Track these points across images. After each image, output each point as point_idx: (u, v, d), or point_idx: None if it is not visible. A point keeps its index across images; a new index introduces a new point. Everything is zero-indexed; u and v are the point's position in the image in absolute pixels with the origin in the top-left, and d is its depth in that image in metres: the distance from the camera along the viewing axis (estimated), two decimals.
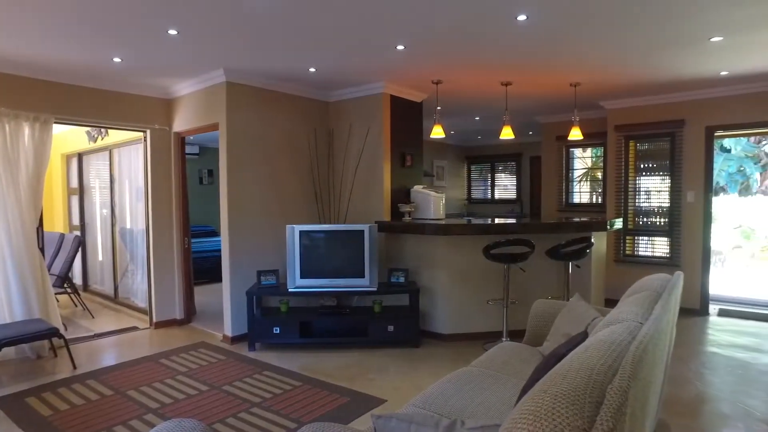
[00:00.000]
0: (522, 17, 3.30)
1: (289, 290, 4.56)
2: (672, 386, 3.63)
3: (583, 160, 7.89)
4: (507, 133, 5.22)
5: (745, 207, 11.39)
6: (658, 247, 6.15)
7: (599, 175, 7.62)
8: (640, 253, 6.31)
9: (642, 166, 6.29)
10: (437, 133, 5.11)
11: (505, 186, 10.41)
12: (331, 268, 4.61)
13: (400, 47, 3.95)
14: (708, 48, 4.01)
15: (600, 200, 7.49)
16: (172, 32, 3.50)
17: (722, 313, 5.80)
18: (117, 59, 4.14)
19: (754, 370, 3.99)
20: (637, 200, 6.30)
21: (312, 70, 4.62)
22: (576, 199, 7.81)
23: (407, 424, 1.42)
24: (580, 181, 7.87)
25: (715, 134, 5.72)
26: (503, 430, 1.12)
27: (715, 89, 5.45)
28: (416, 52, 4.09)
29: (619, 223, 5.47)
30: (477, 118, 7.53)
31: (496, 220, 5.74)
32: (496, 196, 10.52)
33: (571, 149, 7.75)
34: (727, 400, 3.42)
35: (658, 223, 6.17)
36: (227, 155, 4.68)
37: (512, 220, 6.01)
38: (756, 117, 5.37)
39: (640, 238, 6.31)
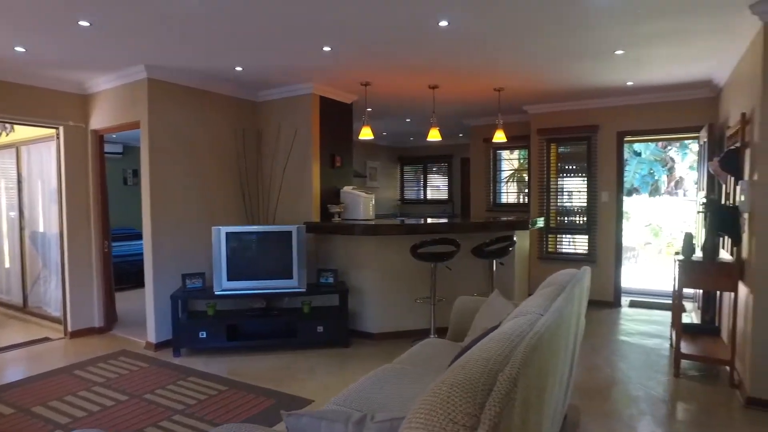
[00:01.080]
0: (444, 23, 3.41)
1: (216, 293, 4.45)
2: (585, 373, 3.88)
3: (510, 161, 8.23)
4: (434, 135, 5.36)
5: (654, 206, 12.33)
6: (578, 244, 6.52)
7: (525, 176, 7.99)
8: (562, 250, 6.66)
9: (563, 167, 6.66)
10: (366, 134, 5.16)
11: (438, 187, 10.66)
12: (259, 270, 4.54)
13: (327, 48, 3.96)
14: (614, 60, 4.31)
15: (526, 200, 7.84)
16: (84, 24, 3.32)
17: (632, 304, 6.25)
18: (20, 48, 3.85)
19: (656, 355, 4.34)
20: (559, 200, 6.66)
21: (239, 69, 4.53)
22: (504, 200, 8.13)
23: (318, 420, 1.44)
24: (507, 182, 8.20)
25: (625, 139, 6.16)
26: (405, 422, 1.16)
27: (623, 98, 5.87)
28: (343, 54, 4.12)
29: (541, 222, 5.77)
30: (408, 120, 7.66)
31: (428, 220, 5.87)
32: (429, 196, 10.75)
33: (498, 151, 8.07)
34: (634, 383, 3.70)
35: (577, 222, 6.55)
36: (149, 155, 4.49)
37: (444, 220, 6.17)
38: (659, 124, 5.83)
39: (562, 235, 6.66)
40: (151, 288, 4.56)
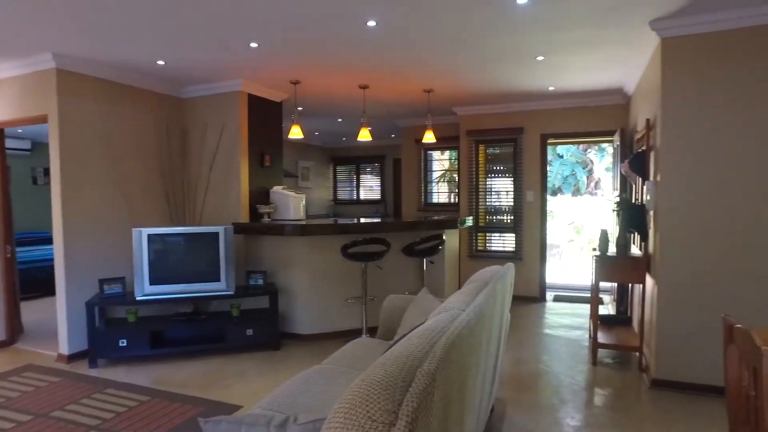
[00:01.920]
0: (372, 23, 3.42)
1: (138, 298, 4.22)
2: (511, 366, 4.03)
3: (440, 162, 8.40)
4: (364, 135, 5.38)
5: (576, 206, 13.06)
6: (506, 242, 6.77)
7: (455, 176, 8.19)
8: (490, 248, 6.89)
9: (491, 168, 6.89)
10: (295, 134, 5.09)
11: (371, 187, 10.71)
12: (184, 273, 4.36)
13: (254, 45, 3.86)
14: (535, 65, 4.52)
15: (456, 200, 8.04)
16: None
17: (557, 299, 6.58)
18: None
19: (577, 346, 4.59)
20: (487, 200, 6.88)
21: (161, 63, 4.32)
22: (435, 199, 8.30)
23: (237, 425, 1.39)
24: (438, 182, 8.38)
25: (548, 141, 6.47)
26: (326, 422, 1.15)
27: (546, 101, 6.17)
28: (271, 51, 4.04)
29: (470, 221, 5.93)
30: (339, 120, 7.64)
31: (361, 220, 5.87)
32: (362, 196, 10.77)
33: (429, 152, 8.22)
34: (557, 373, 3.89)
35: (505, 221, 6.80)
36: (60, 152, 4.18)
37: (377, 220, 6.21)
38: (579, 128, 6.18)
39: (491, 234, 6.89)
40: (63, 295, 4.24)
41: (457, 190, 7.98)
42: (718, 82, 3.36)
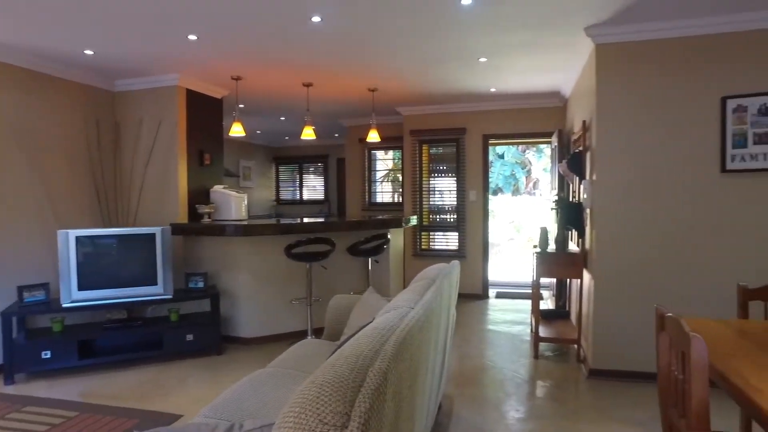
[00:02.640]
0: (316, 19, 3.36)
1: (64, 306, 3.93)
2: (457, 362, 4.09)
3: (384, 161, 8.43)
4: (308, 134, 5.30)
5: (516, 205, 13.51)
6: (450, 241, 6.88)
7: (399, 176, 8.23)
8: (434, 247, 6.98)
9: (434, 168, 6.97)
10: (237, 131, 4.94)
11: (314, 187, 10.59)
12: (117, 277, 4.11)
13: (192, 37, 3.70)
14: (478, 66, 4.61)
15: (400, 199, 8.09)
16: None
17: (499, 296, 6.75)
18: None
19: (519, 340, 4.72)
20: (431, 199, 6.96)
21: (89, 52, 4.05)
22: (379, 199, 8.31)
23: None
24: (382, 182, 8.39)
25: (490, 142, 6.63)
26: (275, 427, 1.10)
27: (488, 103, 6.32)
28: (211, 44, 3.88)
29: (414, 221, 5.97)
30: (282, 119, 7.49)
31: (304, 220, 5.77)
32: (305, 196, 10.63)
33: (373, 151, 8.23)
34: (500, 368, 3.98)
35: (448, 220, 6.90)
36: None
37: (321, 220, 6.12)
38: (519, 129, 6.37)
39: (435, 233, 6.98)
40: None
41: (401, 190, 8.03)
42: (646, 87, 3.56)
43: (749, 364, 1.65)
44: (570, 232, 4.71)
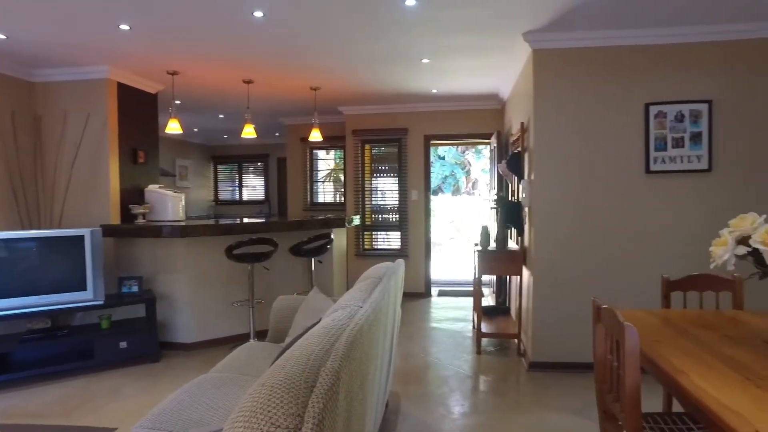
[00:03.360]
0: (259, 13, 3.28)
1: None
2: (402, 360, 4.12)
3: (326, 161, 8.37)
4: (249, 132, 5.17)
5: (456, 205, 13.83)
6: (392, 240, 6.92)
7: (341, 176, 8.20)
8: (377, 246, 7.00)
9: (376, 168, 7.00)
10: (173, 128, 4.74)
11: (254, 187, 10.35)
12: (40, 283, 3.81)
13: (125, 27, 3.50)
14: (421, 67, 4.67)
15: (343, 199, 8.06)
16: None
17: (441, 294, 6.88)
18: None
19: (461, 337, 4.82)
20: (373, 199, 6.98)
21: (1, 37, 3.72)
22: (321, 199, 8.24)
23: None
24: (324, 182, 8.33)
25: (431, 142, 6.74)
26: None
27: (429, 104, 6.42)
28: (145, 35, 3.70)
29: (357, 220, 5.97)
30: (221, 116, 7.27)
31: (244, 221, 5.62)
32: (245, 197, 10.37)
33: (315, 151, 8.15)
34: (444, 364, 4.05)
35: (391, 219, 6.94)
36: None
37: (262, 220, 5.97)
38: (459, 130, 6.52)
39: (377, 233, 7.00)
40: None
41: (343, 190, 8.00)
42: (579, 91, 3.75)
43: (673, 349, 1.78)
44: (510, 231, 4.87)
